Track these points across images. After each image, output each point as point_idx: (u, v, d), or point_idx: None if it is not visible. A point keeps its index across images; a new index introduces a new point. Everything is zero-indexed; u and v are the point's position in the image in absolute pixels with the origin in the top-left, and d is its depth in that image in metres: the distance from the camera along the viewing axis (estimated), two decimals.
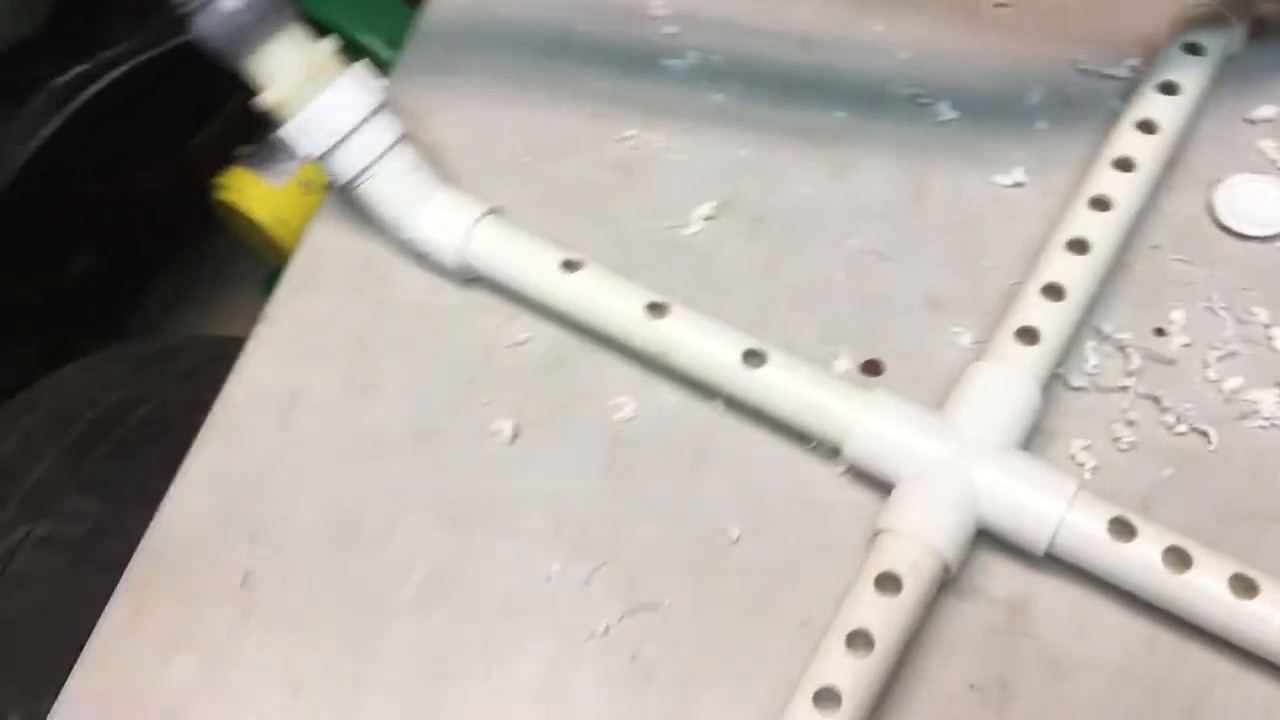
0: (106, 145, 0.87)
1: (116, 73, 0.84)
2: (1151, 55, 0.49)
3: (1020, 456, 0.39)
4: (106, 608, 0.42)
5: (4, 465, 0.60)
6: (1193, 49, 0.47)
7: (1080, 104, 0.49)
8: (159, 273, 0.94)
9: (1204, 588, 0.37)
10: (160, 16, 0.86)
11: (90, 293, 0.87)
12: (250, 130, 0.84)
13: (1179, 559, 0.37)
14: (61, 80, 0.83)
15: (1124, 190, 0.44)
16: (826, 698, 0.36)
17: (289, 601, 0.42)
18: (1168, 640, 0.39)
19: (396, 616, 0.41)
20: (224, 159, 0.86)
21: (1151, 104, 0.46)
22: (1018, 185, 0.48)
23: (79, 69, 0.84)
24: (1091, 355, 0.44)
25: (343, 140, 0.44)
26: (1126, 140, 0.45)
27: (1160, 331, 0.44)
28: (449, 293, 0.48)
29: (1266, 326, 0.44)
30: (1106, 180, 0.44)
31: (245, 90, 0.45)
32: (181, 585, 0.42)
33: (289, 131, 0.44)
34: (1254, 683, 0.38)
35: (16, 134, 0.83)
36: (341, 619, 0.41)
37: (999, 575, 0.40)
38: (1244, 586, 0.36)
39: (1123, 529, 0.38)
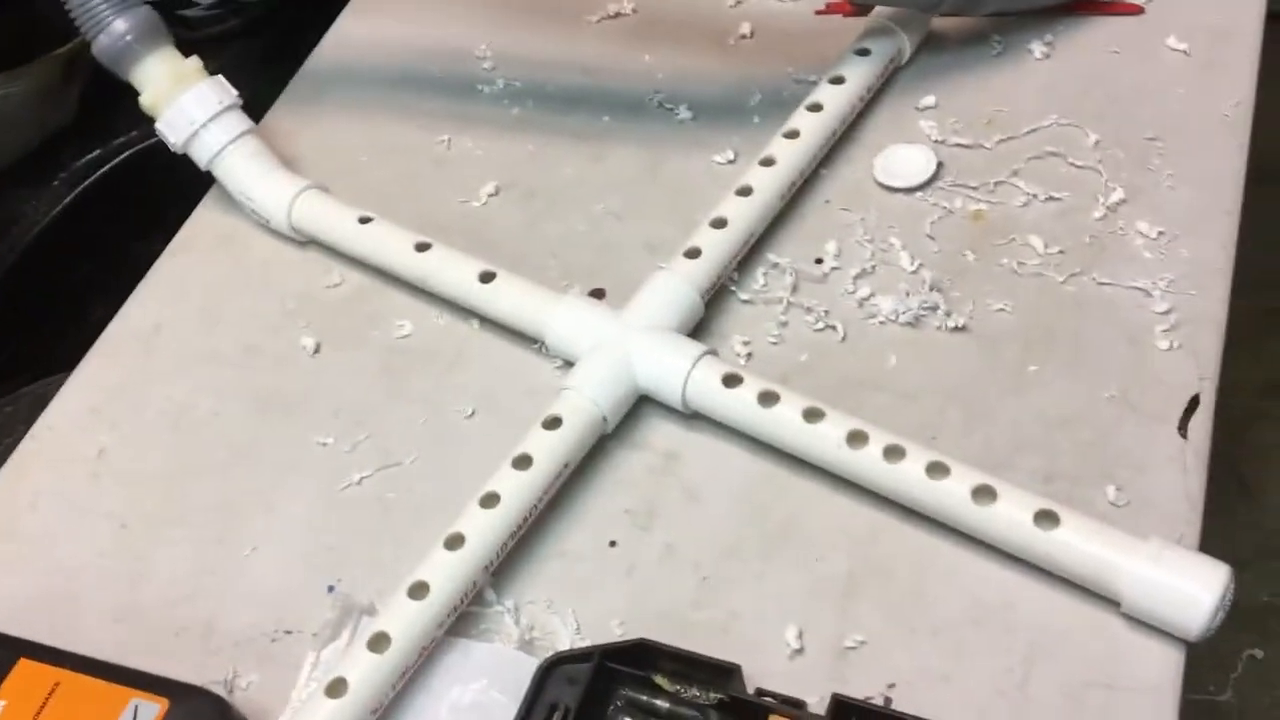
0: (113, 216, 1.04)
1: (124, 156, 1.02)
2: None
3: (667, 334, 0.51)
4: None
5: None
6: (862, 52, 0.60)
7: (789, 103, 0.61)
8: None
9: (784, 417, 0.47)
10: None
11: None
12: None
13: (769, 398, 0.48)
14: (79, 163, 1.01)
15: (787, 153, 0.56)
16: (491, 500, 0.47)
17: (129, 467, 0.54)
18: (780, 476, 0.49)
19: (206, 474, 0.53)
20: None
21: (822, 92, 0.58)
22: (730, 162, 0.60)
23: (94, 153, 1.02)
24: (761, 278, 0.55)
25: (200, 129, 0.59)
26: (798, 119, 0.57)
27: (819, 261, 0.55)
28: (289, 252, 0.61)
29: (897, 250, 0.55)
30: (776, 147, 0.56)
31: None
32: (53, 456, 0.55)
33: (160, 125, 0.59)
34: (838, 501, 0.48)
35: (42, 207, 1.01)
36: (164, 477, 0.53)
37: (662, 431, 0.51)
38: (813, 414, 0.47)
39: (732, 380, 0.48)
